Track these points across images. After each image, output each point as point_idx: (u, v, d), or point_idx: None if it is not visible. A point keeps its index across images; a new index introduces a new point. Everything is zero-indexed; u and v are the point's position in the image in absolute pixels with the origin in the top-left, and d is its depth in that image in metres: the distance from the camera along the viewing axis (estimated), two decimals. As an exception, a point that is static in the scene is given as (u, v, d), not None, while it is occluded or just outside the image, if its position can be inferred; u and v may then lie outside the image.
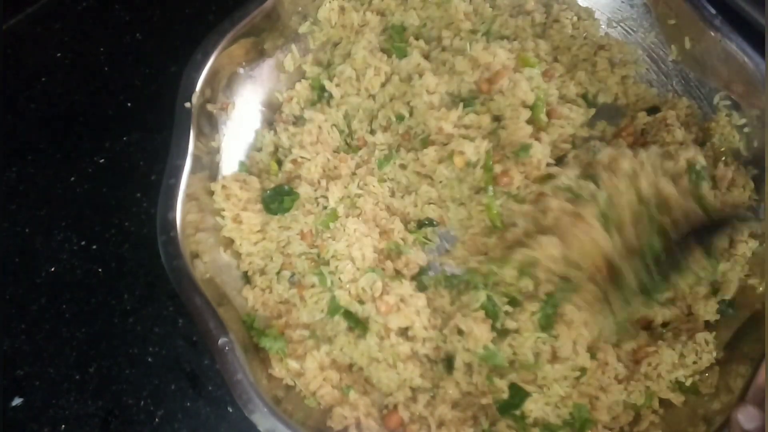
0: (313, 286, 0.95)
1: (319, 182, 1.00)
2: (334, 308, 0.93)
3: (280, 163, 1.03)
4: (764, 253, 0.93)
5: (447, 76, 1.00)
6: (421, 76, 1.00)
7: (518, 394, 0.89)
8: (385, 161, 1.01)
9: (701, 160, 0.92)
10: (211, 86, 0.99)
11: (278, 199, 0.98)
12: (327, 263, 0.95)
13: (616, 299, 0.85)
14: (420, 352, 0.92)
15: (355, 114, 1.05)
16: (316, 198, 0.99)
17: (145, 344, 1.00)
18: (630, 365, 0.91)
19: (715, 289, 0.95)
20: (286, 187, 0.99)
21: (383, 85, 1.04)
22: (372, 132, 1.04)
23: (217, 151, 1.00)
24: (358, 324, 0.92)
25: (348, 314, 0.93)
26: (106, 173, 1.11)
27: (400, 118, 1.02)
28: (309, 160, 1.00)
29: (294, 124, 1.05)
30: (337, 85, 1.03)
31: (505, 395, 0.89)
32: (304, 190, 0.98)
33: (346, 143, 1.06)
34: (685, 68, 1.05)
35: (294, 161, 1.01)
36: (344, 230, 0.94)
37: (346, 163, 1.02)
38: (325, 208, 0.98)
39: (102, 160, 1.12)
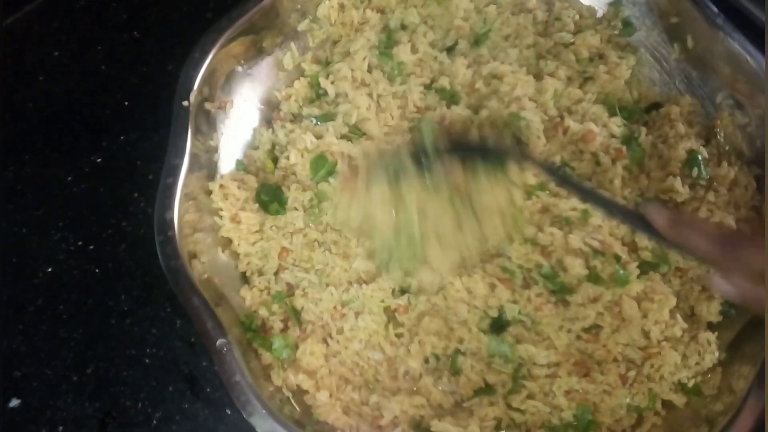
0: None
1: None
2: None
3: (276, 160, 1.03)
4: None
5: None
6: None
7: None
8: None
9: (703, 152, 0.95)
10: (209, 84, 0.98)
11: (277, 198, 0.97)
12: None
13: None
14: None
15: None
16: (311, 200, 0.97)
17: (142, 345, 0.99)
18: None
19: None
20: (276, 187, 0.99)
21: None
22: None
23: (215, 150, 1.00)
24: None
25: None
26: (103, 173, 1.10)
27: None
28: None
29: (292, 121, 1.05)
30: (332, 83, 1.03)
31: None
32: (296, 187, 0.97)
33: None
34: (688, 67, 1.04)
35: (290, 158, 1.00)
36: None
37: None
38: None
39: (99, 160, 1.11)
